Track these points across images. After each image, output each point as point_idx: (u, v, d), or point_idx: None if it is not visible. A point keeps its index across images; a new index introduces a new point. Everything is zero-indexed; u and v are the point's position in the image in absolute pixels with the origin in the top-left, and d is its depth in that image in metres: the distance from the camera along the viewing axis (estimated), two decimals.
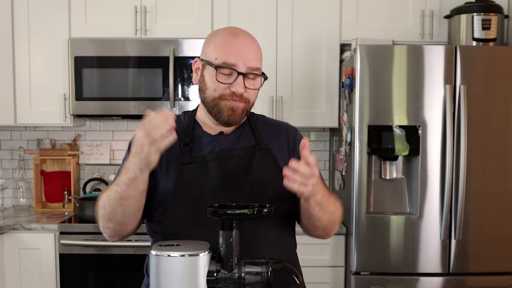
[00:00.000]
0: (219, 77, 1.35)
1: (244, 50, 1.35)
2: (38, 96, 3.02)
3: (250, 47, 1.37)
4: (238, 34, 1.39)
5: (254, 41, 1.40)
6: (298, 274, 1.22)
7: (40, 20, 3.00)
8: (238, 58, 1.34)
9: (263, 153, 1.44)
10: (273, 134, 1.49)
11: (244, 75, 1.35)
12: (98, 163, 3.32)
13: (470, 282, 2.55)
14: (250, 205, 1.23)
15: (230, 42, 1.37)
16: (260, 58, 1.40)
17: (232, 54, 1.34)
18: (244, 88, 1.35)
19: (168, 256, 1.15)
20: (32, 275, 2.76)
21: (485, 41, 2.75)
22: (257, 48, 1.40)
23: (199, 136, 1.45)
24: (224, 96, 1.36)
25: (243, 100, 1.37)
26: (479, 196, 2.52)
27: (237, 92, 1.35)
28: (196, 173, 1.40)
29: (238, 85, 1.35)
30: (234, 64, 1.34)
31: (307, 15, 3.00)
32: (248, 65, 1.35)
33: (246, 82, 1.36)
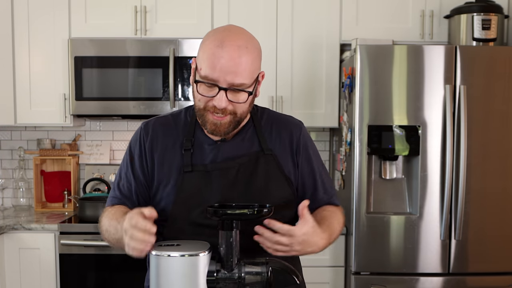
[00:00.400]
0: (200, 89, 1.30)
1: (228, 65, 1.25)
2: (38, 96, 3.02)
3: (235, 61, 1.25)
4: (225, 45, 1.26)
5: (241, 53, 1.27)
6: (298, 274, 1.22)
7: (40, 20, 3.00)
8: (220, 73, 1.25)
9: (267, 159, 1.40)
10: (277, 134, 1.45)
11: (226, 90, 1.27)
12: (98, 163, 3.32)
13: (470, 282, 2.55)
14: (250, 205, 1.23)
15: (215, 54, 1.26)
16: (247, 71, 1.27)
17: (214, 69, 1.26)
18: (227, 102, 1.28)
19: (168, 256, 1.15)
20: (32, 275, 2.76)
21: (485, 41, 2.74)
22: (245, 61, 1.27)
23: (200, 141, 1.41)
24: (208, 108, 1.30)
25: (228, 112, 1.30)
26: (479, 196, 2.52)
27: (219, 107, 1.28)
28: (197, 183, 1.36)
29: (219, 99, 1.27)
30: (216, 79, 1.26)
31: (307, 15, 3.00)
32: (230, 81, 1.26)
33: (229, 96, 1.28)
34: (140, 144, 1.45)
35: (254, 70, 1.31)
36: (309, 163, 1.46)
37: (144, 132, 1.47)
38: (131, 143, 1.49)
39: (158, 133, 1.44)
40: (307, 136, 1.49)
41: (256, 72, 1.33)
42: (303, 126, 1.50)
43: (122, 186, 1.44)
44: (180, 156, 1.39)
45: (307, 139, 1.48)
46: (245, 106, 1.32)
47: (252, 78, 1.30)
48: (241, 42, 1.28)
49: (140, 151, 1.44)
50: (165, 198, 1.38)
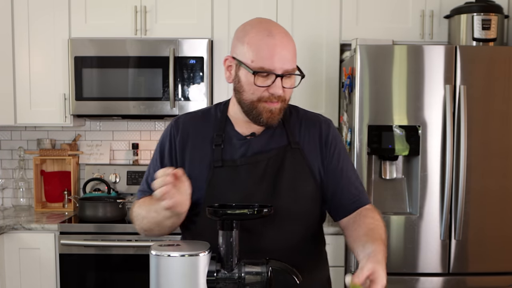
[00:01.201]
0: (257, 81, 1.33)
1: (281, 53, 1.31)
2: (38, 96, 3.02)
3: (285, 46, 1.32)
4: (274, 34, 1.32)
5: (289, 39, 1.35)
6: (298, 274, 1.22)
7: (40, 20, 3.00)
8: (275, 61, 1.30)
9: (294, 153, 1.42)
10: (306, 130, 1.46)
11: (282, 76, 1.32)
12: (98, 163, 3.32)
13: (470, 282, 2.55)
14: (250, 205, 1.23)
15: (268, 44, 1.31)
16: (295, 56, 1.35)
17: (269, 58, 1.30)
18: (282, 89, 1.33)
19: (168, 256, 1.15)
20: (32, 275, 2.76)
21: (485, 41, 2.74)
22: (292, 46, 1.35)
23: (230, 136, 1.43)
24: (263, 99, 1.34)
25: (281, 100, 1.35)
26: (479, 196, 2.52)
27: (276, 94, 1.33)
28: (227, 178, 1.39)
29: (276, 87, 1.32)
30: (272, 68, 1.31)
31: (307, 15, 3.00)
32: (285, 67, 1.32)
33: (283, 83, 1.34)
34: (171, 140, 1.47)
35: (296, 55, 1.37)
36: (338, 160, 1.46)
37: (174, 129, 1.48)
38: (161, 139, 1.51)
39: (189, 129, 1.46)
40: (336, 133, 1.50)
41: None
42: (332, 124, 1.52)
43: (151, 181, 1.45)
44: (210, 151, 1.41)
45: (336, 136, 1.49)
46: (292, 92, 1.39)
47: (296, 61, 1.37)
48: (283, 30, 1.37)
49: (170, 147, 1.46)
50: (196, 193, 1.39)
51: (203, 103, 2.93)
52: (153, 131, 3.38)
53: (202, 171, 1.40)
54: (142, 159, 3.38)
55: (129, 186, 3.24)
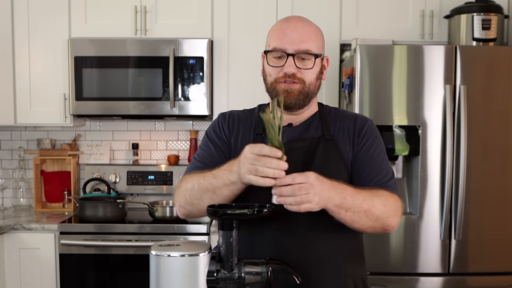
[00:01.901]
0: (270, 61, 1.42)
1: (292, 33, 1.39)
2: (38, 96, 3.02)
3: (297, 28, 1.40)
4: (289, 19, 1.44)
5: (304, 24, 1.42)
6: (297, 274, 1.22)
7: (40, 21, 3.00)
8: (286, 41, 1.38)
9: (328, 144, 1.44)
10: (342, 125, 1.49)
11: (293, 55, 1.38)
12: (98, 163, 3.32)
13: (470, 282, 2.55)
14: (250, 205, 1.23)
15: (280, 27, 1.42)
16: (312, 39, 1.41)
17: (280, 38, 1.39)
18: (295, 68, 1.39)
19: (168, 256, 1.15)
20: (32, 275, 2.76)
21: (485, 41, 2.74)
22: (308, 29, 1.41)
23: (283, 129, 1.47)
24: (279, 79, 1.40)
25: (297, 80, 1.40)
26: (479, 196, 2.52)
27: (289, 73, 1.39)
28: None
29: (288, 66, 1.38)
30: (282, 47, 1.39)
31: (307, 15, 2.97)
32: (296, 47, 1.38)
33: (297, 63, 1.39)
34: (219, 127, 1.53)
35: (318, 43, 1.43)
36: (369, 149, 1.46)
37: (222, 119, 1.55)
38: (208, 129, 1.56)
39: (234, 120, 1.54)
40: (372, 128, 1.51)
41: (321, 48, 1.45)
42: (370, 121, 1.53)
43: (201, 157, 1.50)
44: (252, 140, 1.47)
45: (372, 130, 1.50)
46: (312, 75, 1.42)
47: (317, 49, 1.42)
48: (304, 19, 1.46)
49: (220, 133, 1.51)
50: None
51: (203, 103, 2.93)
52: (153, 131, 3.38)
53: None
54: (142, 159, 3.38)
55: (129, 186, 3.24)
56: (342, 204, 1.27)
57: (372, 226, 1.35)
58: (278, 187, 1.20)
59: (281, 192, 1.20)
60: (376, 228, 1.36)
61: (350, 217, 1.30)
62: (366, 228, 1.35)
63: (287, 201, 1.20)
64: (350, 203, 1.28)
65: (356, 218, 1.31)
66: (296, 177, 1.19)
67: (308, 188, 1.19)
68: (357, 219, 1.31)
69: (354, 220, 1.31)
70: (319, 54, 1.42)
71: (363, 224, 1.33)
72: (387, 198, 1.37)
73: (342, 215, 1.29)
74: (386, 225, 1.37)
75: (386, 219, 1.35)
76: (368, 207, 1.31)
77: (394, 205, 1.38)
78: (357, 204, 1.29)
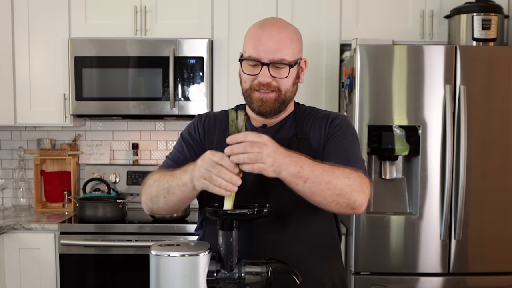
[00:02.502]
0: (245, 69, 1.41)
1: (267, 41, 1.37)
2: (38, 96, 3.02)
3: (273, 37, 1.37)
4: (265, 25, 1.40)
5: (279, 30, 1.39)
6: (298, 274, 1.22)
7: (40, 20, 3.00)
8: (261, 49, 1.37)
9: (300, 143, 1.44)
10: (316, 123, 1.48)
11: (268, 65, 1.37)
12: (98, 163, 3.32)
13: (470, 282, 2.55)
14: (250, 205, 1.23)
15: (256, 34, 1.40)
16: (287, 47, 1.38)
17: (256, 47, 1.38)
18: (270, 77, 1.37)
19: (168, 256, 1.15)
20: (32, 275, 2.76)
21: (485, 41, 2.74)
22: (283, 36, 1.39)
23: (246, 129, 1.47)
24: (254, 87, 1.40)
25: (273, 88, 1.39)
26: (479, 196, 2.52)
27: (263, 82, 1.37)
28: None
29: (263, 75, 1.37)
30: (258, 57, 1.37)
31: (307, 15, 3.00)
32: (271, 56, 1.37)
33: (272, 72, 1.38)
34: (194, 128, 1.53)
35: (294, 49, 1.41)
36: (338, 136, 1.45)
37: (198, 120, 1.56)
38: (183, 130, 1.57)
39: (210, 121, 1.53)
40: (345, 122, 1.49)
41: (297, 53, 1.43)
42: (344, 116, 1.52)
43: (173, 155, 1.52)
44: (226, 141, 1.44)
45: (344, 123, 1.48)
46: (288, 83, 1.41)
47: (292, 56, 1.40)
48: (280, 23, 1.42)
49: (194, 134, 1.52)
50: None
51: (203, 103, 2.93)
52: (153, 131, 3.38)
53: None
54: (142, 159, 3.38)
55: (129, 186, 3.24)
56: (299, 174, 1.21)
57: (337, 201, 1.27)
58: (230, 146, 1.17)
59: (232, 150, 1.16)
60: (341, 205, 1.29)
61: (309, 188, 1.23)
62: (329, 203, 1.28)
63: (240, 159, 1.16)
64: (307, 173, 1.22)
65: (316, 190, 1.24)
66: (248, 134, 1.17)
67: (260, 146, 1.16)
68: (318, 191, 1.24)
69: (314, 192, 1.24)
70: (294, 63, 1.40)
71: (325, 198, 1.26)
72: (350, 172, 1.30)
73: (300, 187, 1.23)
74: (352, 201, 1.28)
75: (351, 193, 1.27)
76: (329, 179, 1.24)
77: (359, 180, 1.30)
78: (316, 175, 1.23)
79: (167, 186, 1.33)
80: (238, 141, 1.17)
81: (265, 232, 1.35)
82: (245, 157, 1.16)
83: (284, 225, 1.38)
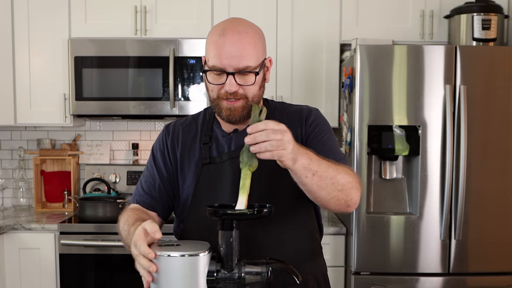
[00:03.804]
0: (210, 78, 1.37)
1: (230, 49, 1.33)
2: (38, 96, 3.02)
3: (235, 44, 1.33)
4: (226, 33, 1.35)
5: (241, 37, 1.34)
6: (298, 274, 1.22)
7: (40, 20, 3.00)
8: (224, 58, 1.32)
9: None
10: (289, 120, 1.44)
11: (233, 74, 1.33)
12: (98, 163, 3.32)
13: (470, 282, 2.55)
14: (250, 205, 1.23)
15: (217, 42, 1.35)
16: (250, 54, 1.34)
17: (219, 57, 1.33)
18: (236, 86, 1.34)
19: (168, 256, 1.15)
20: (32, 275, 2.76)
21: (485, 41, 2.75)
22: (246, 42, 1.34)
23: (217, 134, 1.47)
24: (221, 96, 1.37)
25: (240, 96, 1.36)
26: (479, 196, 2.52)
27: (230, 91, 1.35)
28: (214, 174, 1.42)
29: (229, 84, 1.34)
30: (222, 66, 1.33)
31: (307, 15, 3.00)
32: (235, 64, 1.33)
33: (238, 79, 1.34)
34: (163, 143, 1.52)
35: (258, 53, 1.37)
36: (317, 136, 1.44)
37: (166, 132, 1.54)
38: (154, 144, 1.56)
39: (179, 131, 1.52)
40: (319, 116, 1.49)
41: (261, 56, 1.39)
42: (316, 110, 1.51)
43: (144, 183, 1.51)
44: (199, 150, 1.46)
45: (318, 118, 1.48)
46: (254, 89, 1.38)
47: (257, 61, 1.36)
48: (241, 28, 1.36)
49: (163, 149, 1.51)
50: (186, 190, 1.45)
51: (203, 103, 2.93)
52: (153, 131, 3.38)
53: (192, 170, 1.45)
54: (142, 159, 3.37)
55: (129, 186, 3.24)
56: (309, 166, 1.22)
57: (337, 198, 1.29)
58: (252, 134, 1.16)
59: (256, 138, 1.15)
60: (340, 201, 1.30)
61: (316, 182, 1.23)
62: (331, 199, 1.28)
63: (262, 147, 1.15)
64: (316, 166, 1.23)
65: (322, 184, 1.24)
66: (268, 122, 1.16)
67: (282, 133, 1.16)
68: (323, 185, 1.25)
69: (320, 186, 1.24)
70: (259, 69, 1.37)
71: (329, 193, 1.27)
72: (349, 170, 1.33)
73: (309, 179, 1.23)
74: (349, 198, 1.31)
75: (350, 190, 1.30)
76: (333, 174, 1.26)
77: (356, 178, 1.33)
78: (323, 169, 1.24)
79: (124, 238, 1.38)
80: (260, 129, 1.15)
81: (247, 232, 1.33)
82: (267, 145, 1.15)
83: (266, 224, 1.37)
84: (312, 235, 1.49)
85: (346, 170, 1.32)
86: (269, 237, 1.39)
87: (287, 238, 1.42)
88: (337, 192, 1.28)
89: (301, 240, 1.45)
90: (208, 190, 1.42)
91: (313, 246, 1.49)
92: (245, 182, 1.22)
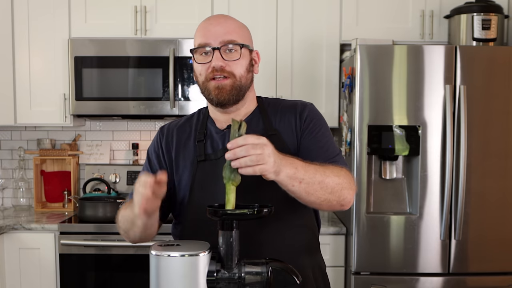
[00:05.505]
0: (198, 59, 1.40)
1: (214, 27, 1.39)
2: (38, 96, 3.02)
3: (220, 23, 1.40)
4: (212, 16, 1.45)
5: (226, 18, 1.42)
6: (298, 274, 1.22)
7: (40, 20, 3.00)
8: (209, 36, 1.38)
9: (272, 139, 1.37)
10: (283, 116, 1.46)
11: (218, 49, 1.37)
12: (98, 163, 3.32)
13: (470, 282, 2.55)
14: (250, 205, 1.23)
15: (203, 25, 1.42)
16: (236, 30, 1.40)
17: (204, 34, 1.39)
18: (223, 61, 1.37)
19: (168, 256, 1.15)
20: (32, 275, 2.76)
21: (485, 41, 2.75)
22: (230, 23, 1.41)
23: (211, 132, 1.48)
24: (209, 76, 1.38)
25: (227, 74, 1.37)
26: (479, 196, 2.52)
27: (217, 66, 1.37)
28: (209, 171, 1.42)
29: (215, 59, 1.37)
30: (207, 41, 1.38)
31: (307, 15, 3.00)
32: (220, 39, 1.37)
33: (224, 55, 1.37)
34: (157, 145, 1.53)
35: (244, 35, 1.42)
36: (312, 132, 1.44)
37: (160, 134, 1.55)
38: (149, 146, 1.57)
39: (173, 132, 1.52)
40: (313, 111, 1.49)
41: (247, 40, 1.43)
42: (310, 105, 1.51)
43: None
44: (194, 148, 1.46)
45: (313, 113, 1.48)
46: (241, 67, 1.39)
47: (242, 39, 1.41)
48: (227, 16, 1.45)
49: (158, 151, 1.52)
50: (182, 190, 1.45)
51: (203, 103, 2.91)
52: (153, 131, 3.38)
53: (187, 168, 1.45)
54: (142, 159, 3.37)
55: (129, 186, 3.24)
56: (295, 175, 1.22)
57: (328, 200, 1.30)
58: (232, 150, 1.16)
59: (235, 153, 1.15)
60: (332, 203, 1.31)
61: (304, 188, 1.24)
62: (322, 202, 1.30)
63: (242, 162, 1.15)
64: (302, 174, 1.23)
65: (310, 189, 1.25)
66: (248, 137, 1.16)
67: (262, 147, 1.16)
68: (312, 190, 1.26)
69: (309, 192, 1.25)
70: (245, 44, 1.40)
71: (319, 197, 1.28)
72: (339, 170, 1.33)
73: (296, 187, 1.24)
74: (342, 198, 1.32)
75: (341, 191, 1.31)
76: (321, 178, 1.27)
77: (347, 178, 1.34)
78: (310, 175, 1.25)
79: (131, 219, 1.37)
80: (239, 144, 1.16)
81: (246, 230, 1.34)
82: (247, 160, 1.15)
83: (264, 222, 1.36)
84: (310, 231, 1.49)
85: (336, 171, 1.32)
86: (267, 233, 1.39)
87: (285, 234, 1.42)
88: (328, 195, 1.29)
89: (300, 236, 1.45)
90: (204, 187, 1.42)
91: (311, 241, 1.50)
92: (229, 197, 1.21)
